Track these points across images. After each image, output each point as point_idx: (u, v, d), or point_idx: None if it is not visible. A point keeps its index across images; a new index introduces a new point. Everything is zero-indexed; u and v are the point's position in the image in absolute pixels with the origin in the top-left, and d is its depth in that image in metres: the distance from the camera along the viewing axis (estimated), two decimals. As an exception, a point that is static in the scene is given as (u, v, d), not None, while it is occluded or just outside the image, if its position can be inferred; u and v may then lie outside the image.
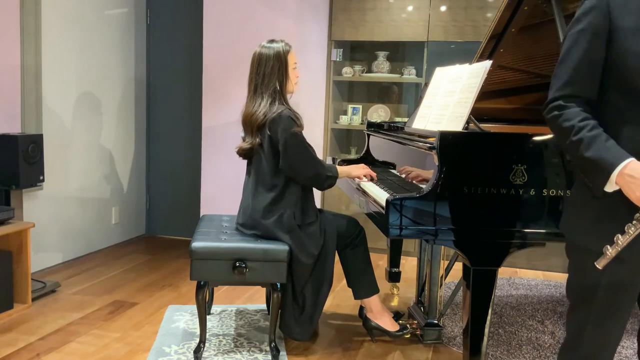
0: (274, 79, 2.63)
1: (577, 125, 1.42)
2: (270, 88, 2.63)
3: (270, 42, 2.69)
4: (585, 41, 1.45)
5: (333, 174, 2.67)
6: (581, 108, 1.45)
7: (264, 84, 2.63)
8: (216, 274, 2.54)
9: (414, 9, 4.37)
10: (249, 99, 2.69)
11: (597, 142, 1.39)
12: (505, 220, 2.09)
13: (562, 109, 1.47)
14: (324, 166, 2.67)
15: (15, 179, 3.15)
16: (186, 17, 4.57)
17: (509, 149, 2.09)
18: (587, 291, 1.51)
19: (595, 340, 1.53)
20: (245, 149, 2.68)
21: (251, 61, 2.70)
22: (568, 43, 1.49)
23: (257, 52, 2.68)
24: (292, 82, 2.70)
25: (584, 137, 1.40)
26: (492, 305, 2.10)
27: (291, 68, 2.68)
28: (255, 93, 2.66)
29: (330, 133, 4.68)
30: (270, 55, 2.64)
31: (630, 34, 1.40)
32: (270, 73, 2.63)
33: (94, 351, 2.63)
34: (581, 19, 1.47)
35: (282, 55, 2.65)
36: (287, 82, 2.67)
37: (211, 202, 4.24)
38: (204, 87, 4.23)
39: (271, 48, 2.66)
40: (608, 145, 1.39)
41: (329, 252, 2.68)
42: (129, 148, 4.63)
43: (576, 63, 1.46)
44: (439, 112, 2.56)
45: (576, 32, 1.47)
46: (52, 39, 3.70)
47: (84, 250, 4.17)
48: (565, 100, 1.47)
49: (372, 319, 2.80)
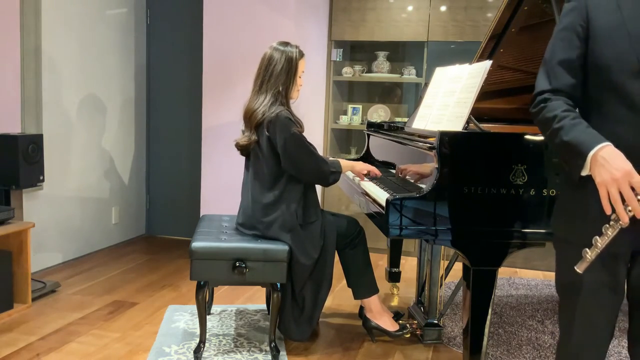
0: (280, 80, 2.64)
1: (559, 115, 1.46)
2: (275, 88, 2.63)
3: (285, 44, 2.70)
4: (566, 40, 1.51)
5: (337, 169, 2.68)
6: (564, 100, 1.50)
7: (270, 83, 2.64)
8: (216, 274, 2.54)
9: (414, 9, 4.37)
10: (253, 94, 2.70)
11: (578, 128, 1.43)
12: (505, 220, 2.09)
13: (547, 101, 1.52)
14: (327, 162, 2.67)
15: (15, 179, 3.15)
16: (186, 17, 4.57)
17: (509, 149, 2.10)
18: (572, 285, 1.53)
19: (582, 336, 1.54)
20: (243, 145, 2.69)
21: (262, 58, 2.71)
22: (551, 41, 1.56)
23: (270, 51, 2.69)
24: (296, 89, 2.71)
25: (565, 124, 1.44)
26: (492, 305, 2.10)
27: (298, 75, 2.70)
28: (260, 90, 2.67)
29: (330, 133, 4.68)
30: (283, 57, 2.65)
31: (607, 34, 1.45)
32: (278, 73, 2.64)
33: (94, 351, 2.63)
34: (562, 19, 1.55)
35: (294, 60, 2.67)
36: (293, 87, 2.69)
37: (211, 202, 4.24)
38: (204, 87, 4.23)
39: (285, 51, 2.67)
40: (588, 130, 1.42)
41: (329, 253, 2.68)
42: (129, 148, 4.63)
43: (558, 60, 1.52)
44: (439, 112, 2.56)
45: (558, 31, 1.54)
46: (52, 39, 3.70)
47: (83, 250, 4.17)
48: (549, 94, 1.52)
49: (372, 319, 2.80)
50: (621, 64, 1.42)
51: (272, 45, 2.71)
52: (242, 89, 4.07)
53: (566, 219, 1.56)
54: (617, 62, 1.43)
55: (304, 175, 2.62)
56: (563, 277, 1.58)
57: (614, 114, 1.44)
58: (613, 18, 1.45)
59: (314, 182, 2.69)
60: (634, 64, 1.40)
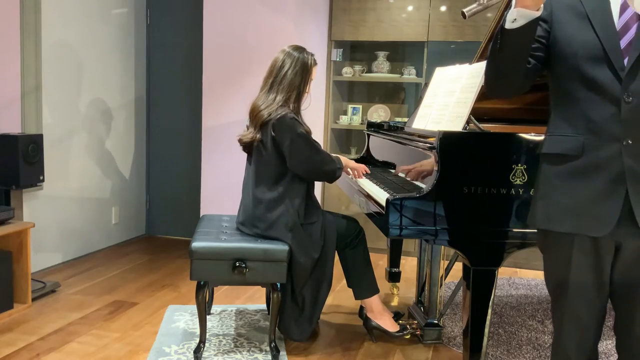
0: (294, 85, 2.65)
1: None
2: (288, 92, 2.64)
3: (301, 50, 2.71)
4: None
5: (340, 166, 2.72)
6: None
7: (282, 84, 2.64)
8: (216, 274, 2.54)
9: (414, 9, 4.37)
10: (262, 93, 2.70)
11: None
12: (505, 220, 2.09)
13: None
14: (333, 160, 2.69)
15: (15, 179, 3.15)
16: (186, 17, 4.57)
17: (509, 149, 2.10)
18: (560, 285, 1.56)
19: (571, 332, 1.57)
20: (246, 142, 2.69)
21: (275, 59, 2.71)
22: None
23: (285, 54, 2.69)
24: (307, 95, 2.72)
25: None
26: (492, 305, 2.10)
27: (310, 81, 2.72)
28: (271, 89, 2.67)
29: (330, 133, 4.68)
30: (298, 62, 2.66)
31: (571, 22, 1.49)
32: (292, 78, 2.65)
33: (94, 351, 2.63)
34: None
35: (309, 66, 2.68)
36: (304, 93, 2.70)
37: (211, 202, 4.24)
38: (204, 87, 4.23)
39: (301, 57, 2.68)
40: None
41: (329, 253, 2.68)
42: (129, 148, 4.63)
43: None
44: (439, 112, 2.56)
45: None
46: (52, 39, 3.70)
47: (83, 250, 4.17)
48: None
49: (373, 319, 2.80)
50: (586, 51, 1.46)
51: (287, 49, 2.71)
52: (242, 88, 4.07)
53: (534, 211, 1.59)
54: (583, 49, 1.46)
55: (312, 174, 2.64)
56: (550, 277, 1.61)
57: (584, 99, 1.47)
58: (574, 4, 1.49)
59: (321, 180, 2.73)
60: (598, 50, 1.43)
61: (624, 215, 1.41)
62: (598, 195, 1.43)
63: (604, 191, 1.43)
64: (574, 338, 1.57)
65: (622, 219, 1.42)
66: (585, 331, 1.55)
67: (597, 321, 1.56)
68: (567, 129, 1.50)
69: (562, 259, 1.53)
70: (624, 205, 1.41)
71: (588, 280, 1.51)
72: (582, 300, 1.53)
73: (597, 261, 1.50)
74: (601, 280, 1.51)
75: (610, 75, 1.42)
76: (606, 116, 1.43)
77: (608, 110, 1.43)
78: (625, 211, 1.41)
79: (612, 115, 1.42)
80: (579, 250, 1.49)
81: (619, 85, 1.41)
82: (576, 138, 1.47)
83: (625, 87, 1.41)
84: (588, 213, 1.45)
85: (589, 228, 1.45)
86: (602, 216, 1.43)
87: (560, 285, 1.55)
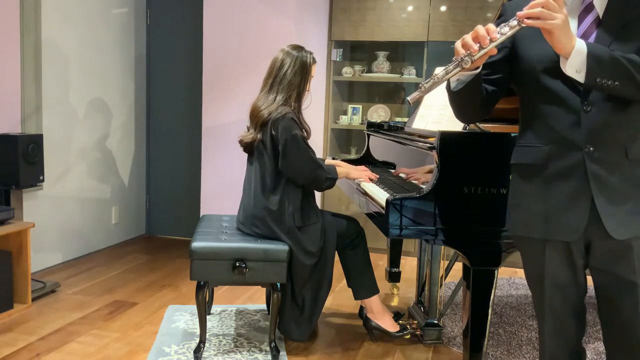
0: (294, 84, 2.65)
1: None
2: (288, 91, 2.64)
3: (300, 49, 2.71)
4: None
5: (332, 176, 2.68)
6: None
7: (282, 84, 2.64)
8: (216, 274, 2.54)
9: (414, 9, 4.37)
10: (262, 93, 2.70)
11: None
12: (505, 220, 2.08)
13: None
14: (323, 168, 2.67)
15: (15, 179, 3.15)
16: (186, 17, 4.57)
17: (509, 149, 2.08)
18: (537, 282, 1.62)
19: (552, 328, 1.61)
20: (247, 142, 2.70)
21: (274, 59, 2.71)
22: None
23: (284, 53, 2.69)
24: (307, 94, 2.72)
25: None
26: (492, 305, 2.10)
27: (309, 80, 2.72)
28: (271, 89, 2.67)
29: (330, 133, 4.68)
30: (297, 61, 2.66)
31: (530, 38, 1.52)
32: (292, 77, 2.65)
33: (94, 351, 2.63)
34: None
35: (308, 65, 2.68)
36: (304, 92, 2.70)
37: (211, 202, 4.24)
38: (204, 87, 4.23)
39: (299, 55, 2.67)
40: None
41: (329, 253, 2.68)
42: (129, 148, 4.63)
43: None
44: (439, 112, 2.56)
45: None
46: (52, 39, 3.70)
47: (83, 250, 4.17)
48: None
49: (373, 319, 2.80)
50: (543, 65, 1.49)
51: (285, 48, 2.71)
52: (242, 89, 4.07)
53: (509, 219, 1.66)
54: (540, 63, 1.50)
55: (299, 179, 2.63)
56: (529, 275, 1.67)
57: (546, 110, 1.51)
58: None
59: (307, 186, 2.69)
60: (555, 63, 1.45)
61: (592, 219, 1.46)
62: (566, 202, 1.48)
63: (571, 198, 1.47)
64: (552, 330, 1.61)
65: (590, 222, 1.47)
66: (562, 322, 1.59)
67: (576, 314, 1.60)
68: (533, 139, 1.55)
69: (537, 259, 1.59)
70: (591, 209, 1.46)
71: (562, 274, 1.56)
72: (558, 292, 1.57)
73: (570, 257, 1.55)
74: (575, 273, 1.56)
75: (569, 87, 1.46)
76: (568, 125, 1.47)
77: (569, 119, 1.46)
78: (592, 215, 1.46)
79: (573, 124, 1.46)
80: (552, 249, 1.55)
81: (577, 96, 1.45)
82: (541, 148, 1.52)
83: (585, 97, 1.44)
84: (557, 220, 1.50)
85: (560, 234, 1.51)
86: (571, 222, 1.48)
87: (538, 280, 1.61)
